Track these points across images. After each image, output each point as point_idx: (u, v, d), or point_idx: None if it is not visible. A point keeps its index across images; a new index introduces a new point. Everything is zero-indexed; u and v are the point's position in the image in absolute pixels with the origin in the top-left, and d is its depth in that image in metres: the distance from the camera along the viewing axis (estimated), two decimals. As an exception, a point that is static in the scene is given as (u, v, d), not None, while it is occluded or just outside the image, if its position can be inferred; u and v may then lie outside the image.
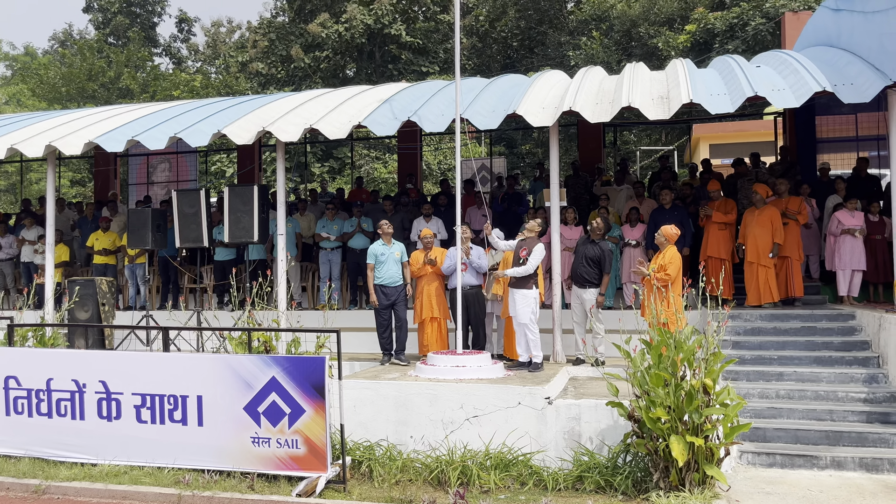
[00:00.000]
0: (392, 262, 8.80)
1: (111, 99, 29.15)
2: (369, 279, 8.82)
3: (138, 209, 11.10)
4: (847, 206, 9.41)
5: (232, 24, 42.97)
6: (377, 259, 8.78)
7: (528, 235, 8.23)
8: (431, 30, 31.77)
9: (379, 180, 25.47)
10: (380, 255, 8.78)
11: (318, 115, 9.31)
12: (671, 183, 11.82)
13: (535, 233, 8.19)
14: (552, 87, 9.69)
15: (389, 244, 8.88)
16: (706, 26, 25.37)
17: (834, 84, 7.55)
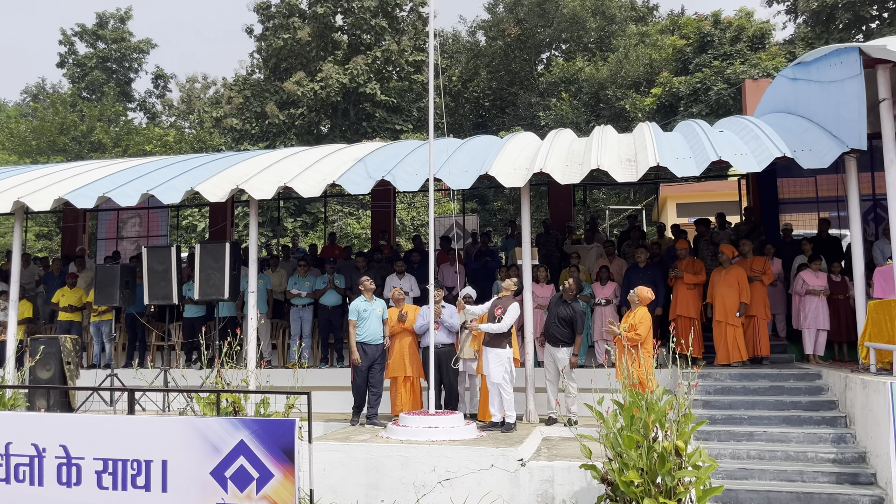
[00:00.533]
0: (374, 319, 8.73)
1: (82, 153, 29.02)
2: (351, 336, 8.68)
3: (107, 265, 10.95)
4: (811, 267, 9.65)
5: (207, 80, 43.40)
6: (359, 315, 8.69)
7: (503, 294, 8.30)
8: (405, 89, 32.41)
9: (352, 236, 25.50)
10: (362, 312, 8.70)
11: (293, 173, 9.38)
12: (641, 241, 12.04)
13: (511, 292, 8.25)
14: (523, 149, 9.91)
15: (371, 301, 8.85)
16: (671, 90, 26.25)
17: (793, 150, 7.84)
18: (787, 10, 29.59)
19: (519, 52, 35.90)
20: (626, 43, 31.77)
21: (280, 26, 31.35)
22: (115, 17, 41.49)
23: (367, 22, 31.36)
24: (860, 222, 8.18)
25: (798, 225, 12.77)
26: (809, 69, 8.72)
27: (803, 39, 27.74)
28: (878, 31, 26.64)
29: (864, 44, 7.07)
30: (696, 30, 28.15)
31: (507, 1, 36.50)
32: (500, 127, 32.99)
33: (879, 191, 10.99)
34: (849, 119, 7.46)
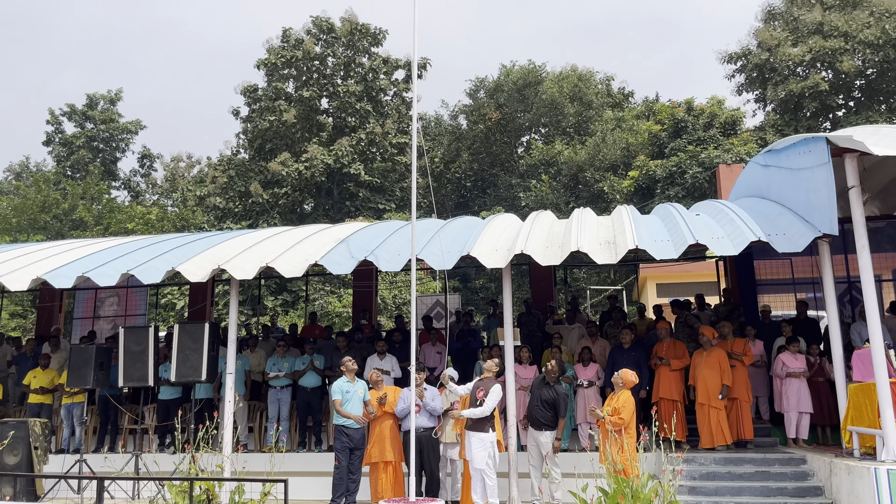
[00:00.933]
0: (357, 401, 8.58)
1: (63, 231, 28.94)
2: (340, 412, 8.52)
3: (81, 346, 10.74)
4: (790, 349, 9.71)
5: (191, 160, 43.92)
6: (343, 396, 8.54)
7: (485, 376, 8.23)
8: (389, 169, 32.98)
9: (333, 315, 25.34)
10: (346, 393, 8.55)
11: (275, 253, 9.40)
12: (624, 322, 12.08)
13: (493, 373, 8.20)
14: (504, 230, 10.04)
15: (353, 382, 8.72)
16: (648, 173, 26.96)
17: (768, 234, 8.02)
18: (756, 98, 30.90)
19: (499, 135, 36.91)
20: (603, 127, 32.82)
21: (266, 109, 32.06)
22: (105, 99, 42.25)
23: (353, 105, 32.18)
24: (836, 305, 8.29)
25: (776, 306, 12.91)
26: (780, 156, 9.03)
27: (773, 126, 28.82)
28: (844, 118, 27.81)
29: (831, 134, 7.36)
30: (670, 116, 29.19)
31: (488, 87, 37.79)
32: (481, 207, 33.51)
33: (853, 273, 11.19)
34: (819, 205, 7.68)
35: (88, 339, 13.70)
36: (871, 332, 7.36)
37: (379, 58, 33.61)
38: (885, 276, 13.12)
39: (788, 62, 28.20)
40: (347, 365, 8.75)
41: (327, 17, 33.42)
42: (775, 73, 28.68)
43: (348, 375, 8.71)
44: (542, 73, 37.04)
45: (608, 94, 38.36)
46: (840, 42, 26.97)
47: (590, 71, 37.40)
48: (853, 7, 28.34)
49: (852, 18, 27.40)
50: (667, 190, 25.68)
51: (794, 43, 28.26)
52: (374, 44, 34.00)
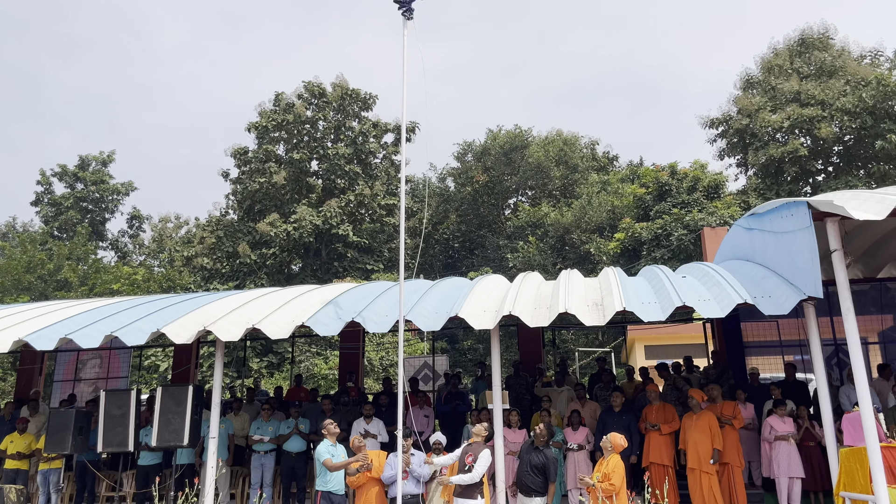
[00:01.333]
0: None
1: (48, 291, 28.66)
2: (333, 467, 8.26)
3: (60, 410, 10.49)
4: (777, 413, 9.65)
5: (179, 220, 44.00)
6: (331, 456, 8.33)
7: (473, 440, 8.09)
8: (377, 230, 33.16)
9: (319, 377, 25.01)
10: (332, 456, 8.33)
11: (262, 314, 9.32)
12: (614, 384, 11.99)
13: (482, 437, 8.06)
14: (492, 291, 10.05)
15: (335, 445, 8.52)
16: (633, 235, 27.23)
17: (754, 296, 8.07)
18: (738, 163, 31.59)
19: (487, 197, 37.36)
20: (588, 190, 33.34)
21: (256, 170, 32.37)
22: (97, 160, 42.54)
23: (342, 167, 32.58)
24: (824, 368, 8.28)
25: (764, 368, 12.89)
26: (763, 220, 9.17)
27: (755, 190, 29.37)
28: (824, 183, 28.42)
29: (812, 198, 7.49)
30: (654, 179, 29.70)
31: (476, 150, 38.46)
32: (469, 268, 33.60)
33: (840, 335, 11.24)
34: (804, 268, 7.76)
35: (68, 402, 13.41)
36: (859, 396, 7.34)
37: (369, 122, 34.24)
38: (871, 339, 13.16)
39: (768, 128, 28.96)
40: (329, 428, 8.57)
41: (319, 83, 34.14)
42: (756, 139, 29.40)
43: (330, 439, 8.53)
44: (529, 137, 37.81)
45: (593, 158, 39.12)
46: (817, 110, 27.78)
47: (575, 135, 38.23)
48: (829, 76, 29.33)
49: (828, 87, 28.31)
50: (653, 252, 25.91)
51: (772, 110, 29.09)
52: (364, 108, 34.68)
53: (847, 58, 29.77)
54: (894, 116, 26.93)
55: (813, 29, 31.26)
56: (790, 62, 30.88)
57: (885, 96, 26.51)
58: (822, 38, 30.98)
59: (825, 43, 30.86)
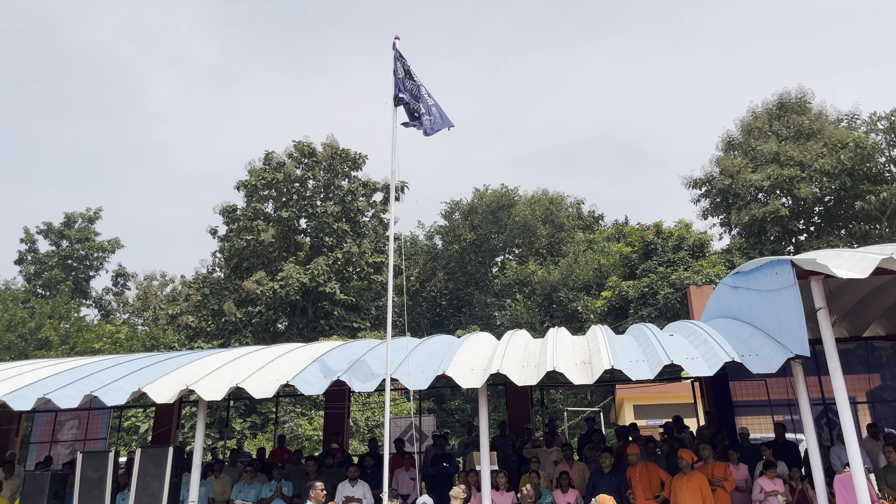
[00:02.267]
0: None
1: (27, 350, 28.16)
2: None
3: (36, 473, 10.17)
4: (767, 475, 9.51)
5: (165, 278, 43.74)
6: None
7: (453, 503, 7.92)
8: (364, 288, 33.08)
9: (303, 438, 24.51)
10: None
11: (246, 373, 9.19)
12: (602, 444, 11.81)
13: (461, 499, 7.90)
14: (480, 349, 9.98)
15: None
16: (620, 293, 27.33)
17: (741, 355, 8.06)
18: (721, 222, 32.04)
19: (474, 255, 37.53)
20: (574, 249, 33.58)
21: (244, 228, 32.42)
22: (83, 217, 42.47)
23: (330, 225, 32.71)
24: (814, 428, 8.22)
25: (753, 428, 12.78)
26: (748, 278, 9.24)
27: (739, 249, 29.71)
28: (806, 242, 28.83)
29: (796, 257, 7.58)
30: (639, 238, 30.01)
31: (463, 209, 38.82)
32: (456, 325, 33.46)
33: (828, 394, 11.20)
34: (790, 326, 7.79)
35: (44, 464, 13.02)
36: (850, 457, 7.27)
37: (358, 181, 34.57)
38: (860, 399, 13.12)
39: (750, 188, 29.50)
40: (316, 492, 8.35)
41: (309, 142, 34.58)
42: (738, 199, 29.89)
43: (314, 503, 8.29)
44: (515, 196, 38.28)
45: (579, 217, 39.57)
46: (796, 170, 28.39)
47: (560, 195, 38.76)
48: (807, 138, 30.08)
49: (806, 149, 29.00)
50: (639, 310, 25.95)
51: (753, 170, 29.68)
52: (354, 167, 35.08)
53: (824, 121, 30.61)
54: (872, 178, 27.54)
55: (791, 93, 32.22)
56: (769, 125, 31.69)
57: (863, 158, 27.17)
58: (799, 101, 31.91)
59: (803, 106, 31.77)
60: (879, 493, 8.65)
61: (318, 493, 8.28)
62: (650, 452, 10.89)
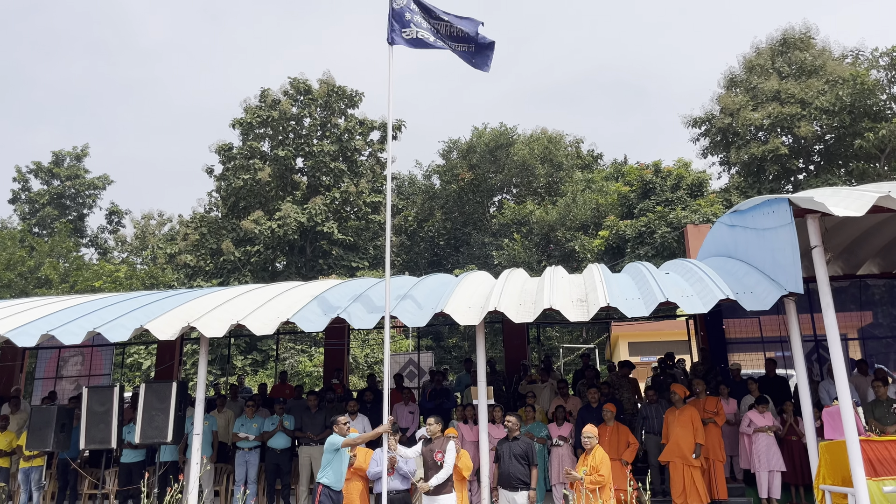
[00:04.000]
0: (344, 461, 8.17)
1: (28, 289, 28.34)
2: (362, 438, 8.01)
3: (42, 407, 10.39)
4: (757, 409, 9.76)
5: (162, 217, 43.65)
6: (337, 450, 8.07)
7: (435, 436, 8.11)
8: (362, 228, 33.09)
9: (304, 374, 24.95)
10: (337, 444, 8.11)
11: (246, 310, 9.29)
12: (595, 381, 12.07)
13: (438, 430, 8.13)
14: (477, 287, 10.07)
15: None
16: (618, 233, 27.40)
17: (736, 292, 8.15)
18: (720, 161, 31.85)
19: (472, 195, 37.40)
20: (573, 188, 33.46)
21: (241, 167, 32.18)
22: (71, 155, 42.05)
23: (327, 165, 32.48)
24: (805, 363, 8.38)
25: (746, 364, 13.04)
26: (745, 217, 9.27)
27: (737, 188, 29.64)
28: (805, 181, 28.74)
29: (793, 195, 7.58)
30: (638, 177, 29.89)
31: (461, 148, 38.47)
32: (454, 265, 33.64)
33: (820, 331, 11.38)
34: (784, 264, 7.86)
35: (49, 399, 13.29)
36: (839, 391, 7.44)
37: (355, 119, 34.14)
38: (851, 335, 13.36)
39: (750, 126, 29.22)
40: (340, 426, 8.28)
41: (305, 79, 33.99)
42: (738, 138, 29.65)
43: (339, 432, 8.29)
44: (514, 135, 37.90)
45: (578, 156, 39.28)
46: (797, 108, 28.07)
47: (559, 133, 38.37)
48: (809, 75, 29.64)
49: (807, 86, 28.61)
50: (636, 249, 26.07)
51: (754, 108, 29.35)
52: (351, 105, 34.59)
53: (828, 57, 30.09)
54: (872, 115, 27.26)
55: (795, 29, 31.57)
56: (772, 62, 31.16)
57: (862, 94, 26.83)
58: (803, 37, 31.29)
59: (807, 42, 31.17)
60: (866, 426, 8.90)
61: (342, 426, 8.25)
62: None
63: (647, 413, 10.51)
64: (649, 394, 10.66)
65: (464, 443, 9.65)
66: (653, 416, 10.35)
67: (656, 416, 10.26)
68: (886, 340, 13.24)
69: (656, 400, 10.50)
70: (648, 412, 10.48)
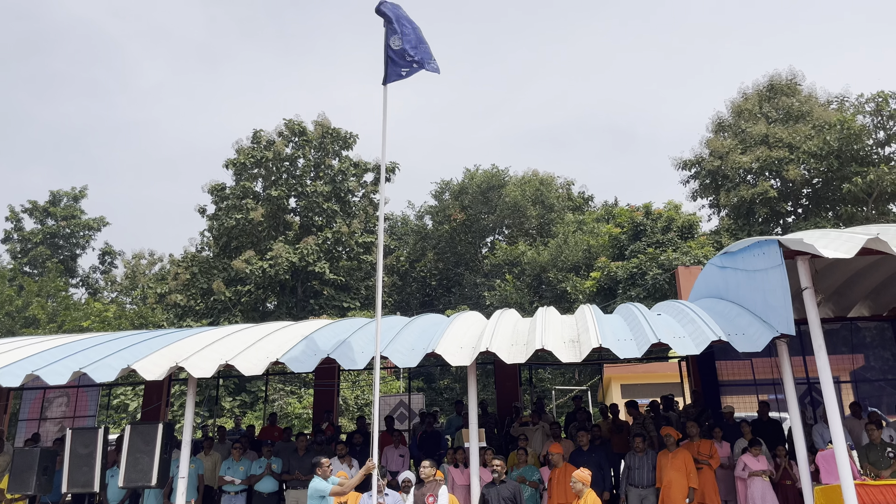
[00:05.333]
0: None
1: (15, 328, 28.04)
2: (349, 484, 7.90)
3: (25, 449, 10.16)
4: (751, 452, 9.66)
5: (153, 257, 43.50)
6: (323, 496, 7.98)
7: (428, 480, 8.02)
8: (354, 268, 33.04)
9: (293, 416, 24.60)
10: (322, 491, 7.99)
11: (235, 350, 9.19)
12: (586, 424, 11.94)
13: (433, 476, 8.03)
14: (469, 328, 10.02)
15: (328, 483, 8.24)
16: (609, 274, 27.46)
17: (728, 334, 8.14)
18: (710, 203, 32.15)
19: (464, 235, 37.53)
20: (564, 230, 33.64)
21: (233, 207, 32.23)
22: (68, 196, 42.08)
23: (320, 205, 32.57)
24: (798, 406, 8.33)
25: (739, 407, 12.94)
26: (736, 258, 9.31)
27: (727, 230, 29.87)
28: (794, 224, 29.00)
29: (783, 237, 7.63)
30: (629, 219, 30.11)
31: (453, 189, 38.74)
32: (446, 305, 33.55)
33: (812, 374, 11.35)
34: (776, 305, 7.87)
35: (33, 441, 13.02)
36: (833, 434, 7.38)
37: (349, 160, 34.38)
38: (843, 378, 13.30)
39: (739, 169, 29.59)
40: (323, 468, 8.18)
41: (300, 121, 34.31)
42: (727, 180, 29.99)
43: (323, 476, 8.20)
44: (505, 176, 38.23)
45: (569, 198, 39.60)
46: (785, 152, 28.49)
47: (550, 175, 38.74)
48: (795, 120, 30.16)
49: (795, 131, 29.09)
50: (628, 291, 26.09)
51: (742, 151, 29.76)
52: (345, 147, 34.87)
53: (814, 103, 30.67)
54: (859, 159, 27.67)
55: (781, 75, 32.23)
56: (759, 107, 31.72)
57: (849, 139, 27.28)
58: (789, 83, 31.93)
59: (793, 88, 31.80)
60: (861, 470, 8.81)
61: (325, 469, 8.19)
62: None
63: (631, 463, 9.77)
64: (637, 442, 9.89)
65: (454, 486, 9.49)
66: (636, 468, 9.64)
67: (640, 467, 9.60)
68: (878, 384, 13.20)
69: (644, 450, 9.79)
70: (632, 462, 9.75)
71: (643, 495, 9.47)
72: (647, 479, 9.54)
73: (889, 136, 28.39)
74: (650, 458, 9.69)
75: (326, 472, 8.06)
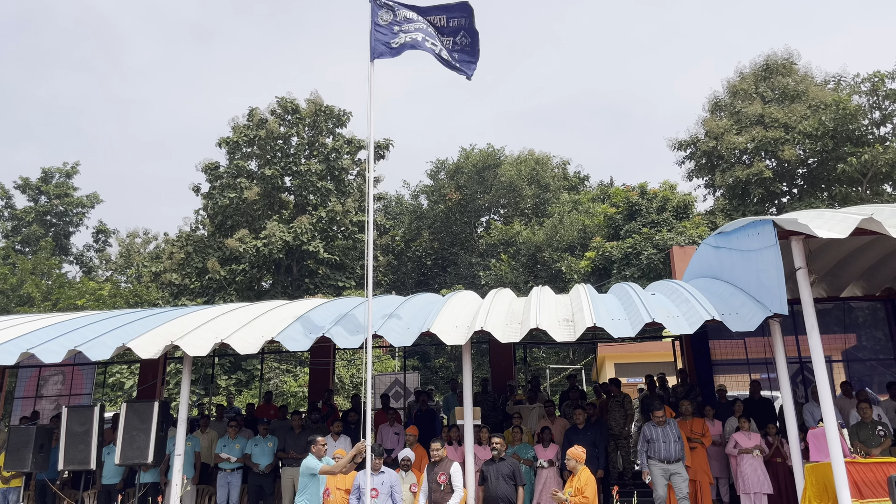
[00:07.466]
0: (322, 485, 8.07)
1: (9, 307, 27.98)
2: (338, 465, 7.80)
3: (21, 427, 10.20)
4: (742, 427, 9.76)
5: (148, 235, 43.36)
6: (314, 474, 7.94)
7: (436, 458, 8.08)
8: (349, 247, 32.99)
9: (288, 394, 24.71)
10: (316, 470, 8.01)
11: (231, 329, 9.20)
12: (580, 402, 12.03)
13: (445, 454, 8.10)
14: (464, 307, 10.05)
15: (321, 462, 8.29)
16: (604, 254, 27.51)
17: (722, 313, 8.18)
18: (706, 184, 32.15)
19: (459, 215, 37.48)
20: (560, 210, 33.63)
21: (227, 186, 32.07)
22: (60, 172, 41.78)
23: (314, 184, 32.42)
24: (790, 385, 8.40)
25: (731, 386, 13.05)
26: (730, 238, 9.33)
27: (723, 211, 29.90)
28: (788, 204, 29.05)
29: (778, 217, 7.64)
30: (624, 199, 30.10)
31: (449, 168, 38.62)
32: (441, 285, 33.61)
33: (805, 353, 11.42)
34: (770, 285, 7.90)
35: (30, 419, 13.06)
36: (824, 413, 7.45)
37: (342, 138, 34.17)
38: (835, 357, 13.41)
39: (734, 150, 29.55)
40: (318, 446, 8.20)
41: (293, 99, 34.04)
42: (722, 161, 29.97)
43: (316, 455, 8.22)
44: (501, 156, 38.11)
45: (564, 178, 39.54)
46: (780, 132, 28.45)
47: (546, 155, 38.63)
48: (791, 100, 30.08)
49: (791, 111, 29.02)
50: (623, 270, 26.17)
51: (738, 132, 29.71)
52: (339, 125, 34.64)
53: (810, 83, 30.57)
54: (854, 140, 27.66)
55: (777, 54, 32.08)
56: (755, 87, 31.61)
57: (845, 119, 27.25)
58: (786, 63, 31.80)
59: (789, 68, 31.67)
60: (852, 448, 8.91)
61: (320, 447, 8.21)
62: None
63: (652, 435, 9.21)
64: (657, 414, 9.24)
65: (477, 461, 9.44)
66: (657, 440, 9.09)
67: (664, 440, 9.05)
68: (870, 363, 13.31)
69: (664, 422, 9.19)
70: (652, 434, 9.20)
71: (671, 471, 9.00)
72: (675, 452, 9.04)
73: (884, 117, 28.37)
74: (673, 429, 9.15)
75: (321, 451, 8.10)
